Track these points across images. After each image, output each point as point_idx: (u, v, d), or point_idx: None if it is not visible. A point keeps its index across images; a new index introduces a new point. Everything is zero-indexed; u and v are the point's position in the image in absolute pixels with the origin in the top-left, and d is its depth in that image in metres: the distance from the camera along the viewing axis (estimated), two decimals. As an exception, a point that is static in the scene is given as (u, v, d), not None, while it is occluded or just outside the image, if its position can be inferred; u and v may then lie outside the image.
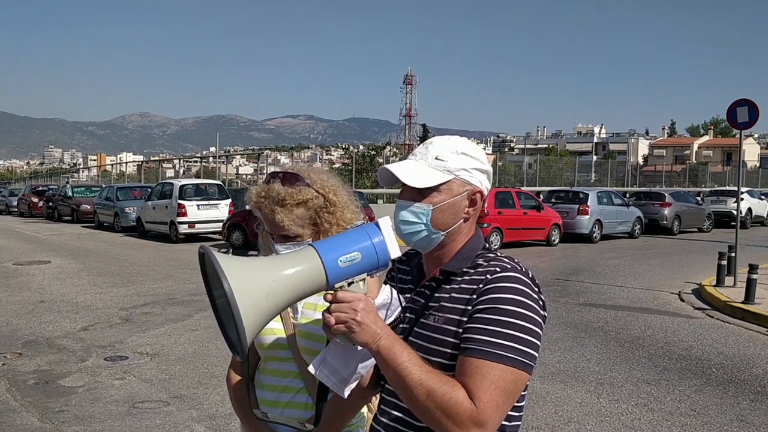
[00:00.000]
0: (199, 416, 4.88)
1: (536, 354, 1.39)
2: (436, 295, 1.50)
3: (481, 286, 1.42)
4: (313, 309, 1.85)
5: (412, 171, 1.48)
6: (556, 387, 5.60)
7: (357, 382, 1.49)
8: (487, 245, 1.57)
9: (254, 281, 1.27)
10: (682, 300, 10.04)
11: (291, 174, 1.85)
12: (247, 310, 1.22)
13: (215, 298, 1.40)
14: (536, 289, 1.45)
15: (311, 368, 1.44)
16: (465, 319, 1.41)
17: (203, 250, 1.33)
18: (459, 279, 1.48)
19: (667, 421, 4.89)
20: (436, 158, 1.49)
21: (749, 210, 26.10)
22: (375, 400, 1.98)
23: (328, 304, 1.36)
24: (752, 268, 9.10)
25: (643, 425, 4.81)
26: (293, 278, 1.31)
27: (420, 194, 1.48)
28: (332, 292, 1.35)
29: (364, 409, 1.96)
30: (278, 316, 1.82)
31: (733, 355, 6.81)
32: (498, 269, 1.44)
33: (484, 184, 1.53)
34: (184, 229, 18.04)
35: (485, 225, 15.69)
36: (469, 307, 1.41)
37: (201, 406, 5.08)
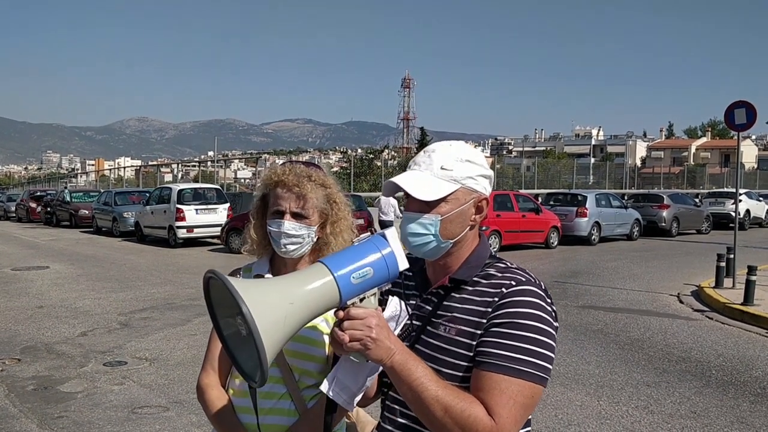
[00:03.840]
0: (198, 421, 4.87)
1: (551, 366, 1.39)
2: (446, 303, 1.48)
3: (496, 299, 1.41)
4: None
5: (419, 183, 1.46)
6: (556, 390, 5.59)
7: (363, 394, 1.47)
8: (494, 253, 1.56)
9: (272, 305, 1.23)
10: (681, 302, 10.04)
11: (311, 162, 1.94)
12: (267, 335, 1.19)
13: (222, 325, 1.36)
14: (549, 301, 1.44)
15: (323, 387, 1.41)
16: (480, 331, 1.40)
17: (212, 274, 1.27)
18: (470, 288, 1.47)
19: (667, 423, 4.89)
20: (442, 168, 1.47)
21: (747, 211, 26.12)
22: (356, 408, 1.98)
23: None
24: (751, 270, 9.10)
25: (644, 428, 4.80)
26: (308, 298, 1.27)
27: (427, 205, 1.46)
28: (343, 308, 1.32)
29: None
30: None
31: (732, 357, 6.81)
32: (513, 282, 1.43)
33: (488, 189, 1.53)
34: (182, 233, 18.03)
35: (484, 228, 15.68)
36: (484, 320, 1.40)
37: (200, 411, 5.04)
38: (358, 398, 1.45)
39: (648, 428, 4.80)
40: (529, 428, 1.51)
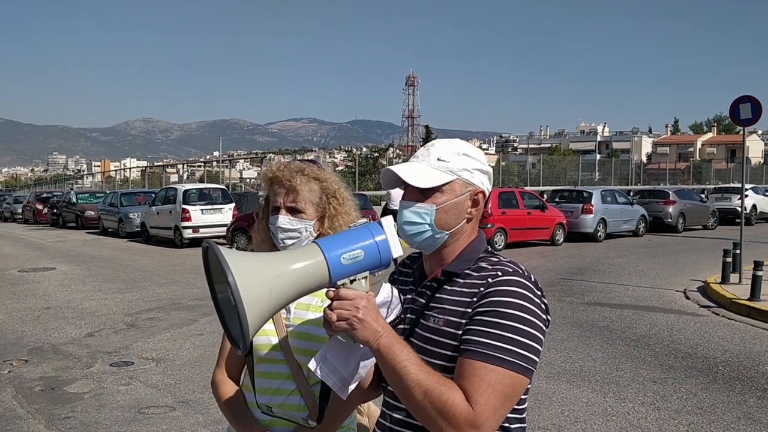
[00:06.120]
0: (205, 421, 4.88)
1: (536, 358, 1.39)
2: (437, 295, 1.50)
3: (482, 289, 1.43)
4: (305, 309, 1.86)
5: (415, 172, 1.50)
6: (562, 387, 5.59)
7: (357, 383, 1.49)
8: (490, 248, 1.57)
9: (258, 275, 1.28)
10: (687, 298, 10.02)
11: (309, 159, 1.99)
12: (251, 304, 1.24)
13: (218, 293, 1.42)
14: (538, 293, 1.45)
15: (311, 364, 1.44)
16: (464, 321, 1.42)
17: (207, 244, 1.34)
18: (461, 281, 1.49)
19: (673, 419, 4.88)
20: (438, 159, 1.51)
21: (754, 206, 26.02)
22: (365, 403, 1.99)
23: (321, 305, 1.36)
24: (757, 265, 9.07)
25: (650, 424, 4.79)
26: (297, 273, 1.32)
27: (423, 195, 1.50)
28: (334, 289, 1.36)
29: (354, 411, 1.97)
30: None
31: (739, 353, 6.78)
32: (500, 273, 1.44)
33: (486, 184, 1.55)
34: (188, 233, 18.07)
35: (489, 225, 15.65)
36: (469, 310, 1.42)
37: (207, 410, 5.08)
38: (352, 386, 1.47)
39: (654, 425, 4.79)
40: (522, 417, 1.50)
